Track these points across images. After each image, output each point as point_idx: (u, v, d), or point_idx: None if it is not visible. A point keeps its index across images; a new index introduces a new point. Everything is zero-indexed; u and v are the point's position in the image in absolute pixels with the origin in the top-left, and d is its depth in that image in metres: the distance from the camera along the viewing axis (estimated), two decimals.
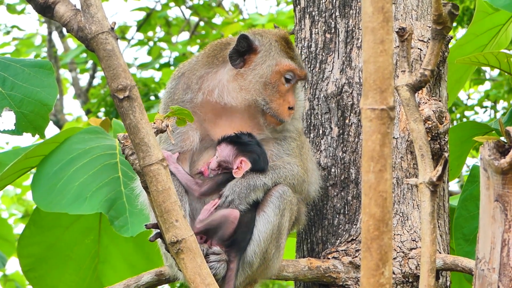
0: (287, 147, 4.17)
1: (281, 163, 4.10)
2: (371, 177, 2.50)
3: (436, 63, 3.09)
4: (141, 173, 3.24)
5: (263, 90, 4.09)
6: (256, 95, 4.09)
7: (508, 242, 2.85)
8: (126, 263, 5.36)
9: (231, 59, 4.10)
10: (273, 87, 4.10)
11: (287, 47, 4.16)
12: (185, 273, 3.23)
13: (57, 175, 4.92)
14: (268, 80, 4.10)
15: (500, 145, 2.87)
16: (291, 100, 4.13)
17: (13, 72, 4.42)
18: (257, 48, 4.12)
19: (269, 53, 4.12)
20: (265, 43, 4.13)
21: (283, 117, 4.11)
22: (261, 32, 4.20)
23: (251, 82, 4.09)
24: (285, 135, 4.19)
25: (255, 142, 4.06)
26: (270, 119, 4.12)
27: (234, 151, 4.01)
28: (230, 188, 3.97)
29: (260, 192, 4.00)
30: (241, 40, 4.09)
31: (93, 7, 3.19)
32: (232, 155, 4.01)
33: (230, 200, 3.94)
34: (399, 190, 4.40)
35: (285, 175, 4.07)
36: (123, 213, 4.84)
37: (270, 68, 4.10)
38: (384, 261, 2.52)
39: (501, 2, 4.93)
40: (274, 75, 4.10)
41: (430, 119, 4.34)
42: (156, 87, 11.43)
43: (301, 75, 4.14)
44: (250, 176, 3.99)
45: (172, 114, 3.46)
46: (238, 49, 4.10)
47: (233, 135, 4.05)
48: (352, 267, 4.29)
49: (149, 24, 13.75)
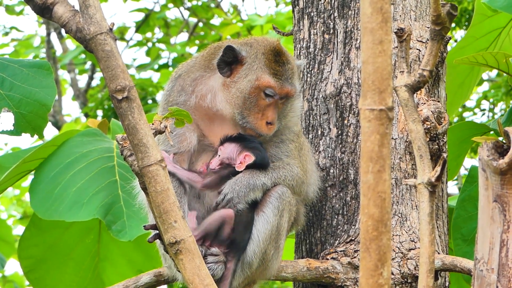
0: (285, 149, 4.17)
1: (281, 164, 4.10)
2: (369, 177, 2.50)
3: (435, 63, 3.09)
4: (140, 174, 3.24)
5: (242, 103, 4.07)
6: (235, 109, 4.07)
7: (506, 243, 2.85)
8: (126, 260, 5.36)
9: (219, 67, 4.09)
10: (252, 101, 4.07)
11: (273, 61, 4.09)
12: (183, 274, 3.23)
13: (54, 181, 4.92)
14: (247, 95, 4.06)
15: (499, 145, 2.88)
16: (269, 115, 4.07)
17: (11, 73, 4.42)
18: (243, 59, 4.09)
19: (252, 67, 4.09)
20: (251, 55, 4.10)
21: (261, 131, 4.08)
22: (252, 43, 4.16)
23: (233, 96, 4.08)
24: (283, 137, 4.19)
25: (257, 141, 4.07)
26: (250, 132, 4.10)
27: (238, 147, 4.03)
28: (230, 186, 3.97)
29: (259, 192, 4.00)
30: (227, 51, 4.07)
31: (91, 8, 3.19)
32: (236, 151, 4.03)
33: (229, 198, 3.95)
34: (397, 191, 4.40)
35: (284, 176, 4.07)
36: (121, 217, 4.84)
37: (250, 83, 4.07)
38: (383, 261, 2.52)
39: (500, 3, 4.92)
40: (253, 90, 4.07)
41: (429, 120, 4.34)
42: (154, 91, 11.42)
43: (281, 93, 4.08)
44: (250, 175, 4.00)
45: (170, 115, 3.46)
46: (224, 59, 4.09)
47: (236, 134, 4.06)
48: (351, 268, 4.29)
49: (147, 25, 13.75)
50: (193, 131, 4.12)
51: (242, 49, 4.09)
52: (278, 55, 4.10)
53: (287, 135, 4.19)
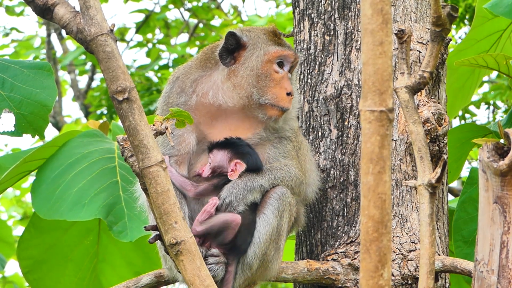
0: (283, 150, 4.16)
1: (278, 165, 4.09)
2: (370, 179, 2.51)
3: (435, 65, 3.09)
4: (140, 175, 3.24)
5: (256, 82, 4.08)
6: (251, 88, 4.07)
7: (507, 244, 2.85)
8: (125, 261, 5.36)
9: (221, 58, 4.10)
10: (266, 76, 4.09)
11: (274, 37, 4.15)
12: (184, 275, 3.23)
13: (55, 181, 4.93)
14: (259, 71, 4.08)
15: (499, 147, 2.88)
16: (287, 86, 4.10)
17: (12, 74, 4.42)
18: (246, 43, 4.12)
19: (257, 45, 4.12)
20: (253, 37, 4.13)
21: (283, 104, 4.09)
22: (249, 28, 4.21)
23: (243, 77, 4.08)
24: (281, 135, 4.18)
25: (245, 144, 4.05)
26: (270, 111, 4.09)
27: (227, 154, 4.01)
28: (228, 190, 3.97)
29: (257, 194, 4.00)
30: (229, 37, 4.09)
31: (92, 9, 3.19)
32: (225, 159, 4.01)
33: (228, 202, 3.94)
34: (398, 192, 4.40)
35: (282, 177, 4.07)
36: (122, 218, 4.84)
37: (259, 58, 4.10)
38: (383, 263, 2.52)
39: (501, 9, 4.92)
40: (264, 65, 4.10)
41: (429, 121, 4.34)
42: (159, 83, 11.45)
43: (291, 58, 4.12)
44: (247, 177, 3.99)
45: (171, 116, 3.46)
46: (227, 47, 4.10)
47: (223, 140, 4.04)
48: (351, 269, 4.29)
49: (148, 26, 13.76)
50: (192, 132, 4.11)
51: (243, 34, 4.12)
52: (278, 34, 4.19)
53: (286, 133, 4.18)
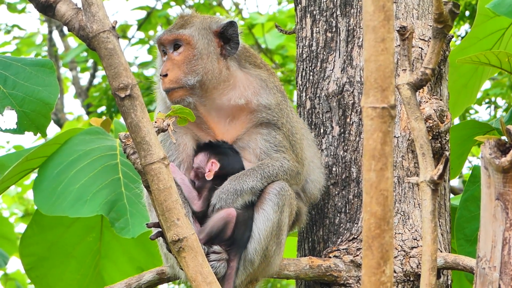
0: (274, 142, 4.12)
1: (270, 162, 4.06)
2: (372, 175, 2.51)
3: (437, 62, 3.09)
4: (143, 172, 3.24)
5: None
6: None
7: (509, 241, 2.85)
8: (127, 257, 5.37)
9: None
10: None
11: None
12: (186, 272, 3.23)
13: (58, 178, 4.93)
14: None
15: (501, 143, 2.88)
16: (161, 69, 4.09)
17: (14, 71, 4.43)
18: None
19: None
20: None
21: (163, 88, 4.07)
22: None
23: None
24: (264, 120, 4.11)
25: (227, 146, 4.05)
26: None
27: (206, 155, 4.02)
28: (217, 196, 3.97)
29: (248, 196, 3.98)
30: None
31: (94, 6, 3.19)
32: (205, 159, 4.02)
33: (218, 207, 3.95)
34: (400, 189, 4.40)
35: (275, 173, 4.05)
36: (124, 214, 4.85)
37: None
38: (385, 259, 2.53)
39: (504, 9, 4.91)
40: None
41: (431, 118, 4.34)
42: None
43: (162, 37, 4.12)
44: (237, 180, 3.98)
45: (173, 113, 3.46)
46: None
47: (206, 143, 4.06)
48: (354, 266, 4.30)
49: (149, 23, 13.75)
50: (185, 134, 4.11)
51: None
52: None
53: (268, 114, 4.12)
